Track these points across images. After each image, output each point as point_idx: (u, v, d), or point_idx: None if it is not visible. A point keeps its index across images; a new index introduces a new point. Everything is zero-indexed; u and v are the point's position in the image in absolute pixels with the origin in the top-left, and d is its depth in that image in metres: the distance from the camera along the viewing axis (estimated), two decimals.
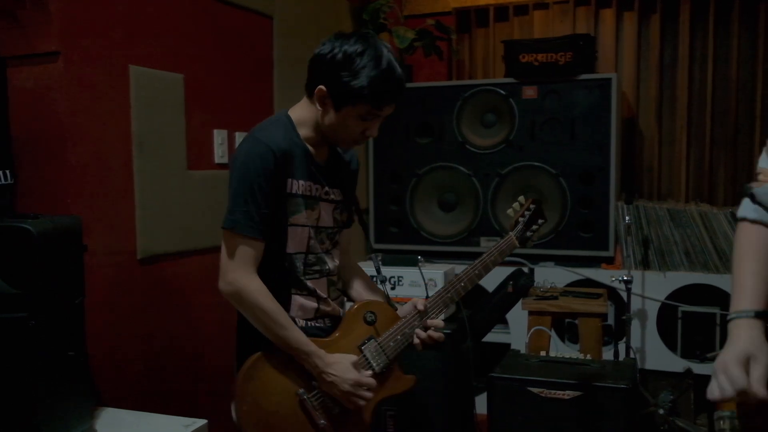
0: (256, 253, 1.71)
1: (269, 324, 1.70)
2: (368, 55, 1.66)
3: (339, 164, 1.92)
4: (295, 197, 1.75)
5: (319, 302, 1.84)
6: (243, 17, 2.81)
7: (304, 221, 1.77)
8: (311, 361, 1.73)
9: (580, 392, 2.34)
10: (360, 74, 1.65)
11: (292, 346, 1.71)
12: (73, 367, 1.66)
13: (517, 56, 3.58)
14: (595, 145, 3.46)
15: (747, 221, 1.49)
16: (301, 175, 1.76)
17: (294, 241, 1.77)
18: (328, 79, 1.69)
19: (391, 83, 1.69)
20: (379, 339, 1.84)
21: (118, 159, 2.23)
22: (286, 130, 1.76)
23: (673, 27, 3.83)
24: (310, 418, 1.75)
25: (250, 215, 1.68)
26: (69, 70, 2.04)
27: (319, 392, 1.76)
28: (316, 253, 1.81)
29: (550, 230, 3.55)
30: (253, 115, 2.87)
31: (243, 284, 1.69)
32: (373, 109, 1.70)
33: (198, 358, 2.56)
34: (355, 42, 1.68)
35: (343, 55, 1.67)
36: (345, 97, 1.68)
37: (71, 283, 1.67)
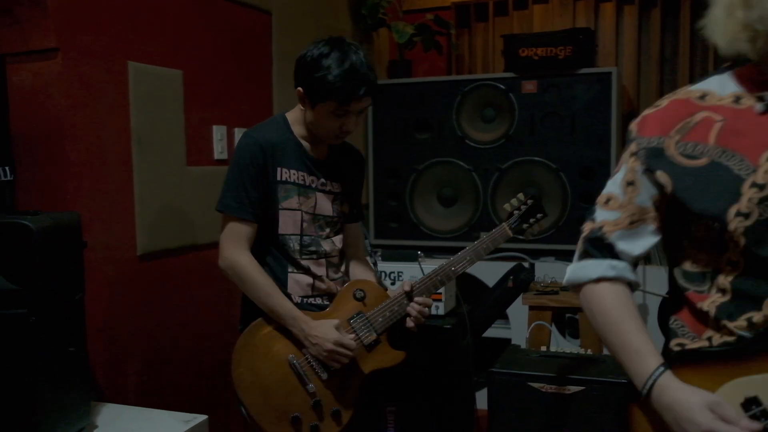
0: (246, 232, 1.93)
1: (258, 293, 1.91)
2: (332, 57, 1.85)
3: (340, 161, 2.09)
4: (286, 184, 1.96)
5: (315, 279, 2.01)
6: (242, 13, 2.81)
7: (296, 206, 1.97)
8: (298, 326, 1.91)
9: (581, 387, 2.34)
10: (326, 75, 1.84)
11: (280, 313, 1.91)
12: (73, 364, 1.66)
13: (517, 51, 3.57)
14: (596, 140, 3.45)
15: (605, 281, 1.31)
16: (292, 165, 1.97)
17: (286, 223, 1.97)
18: (303, 79, 1.91)
19: (354, 81, 1.85)
20: (367, 314, 2.01)
21: (118, 155, 2.23)
22: (278, 128, 1.99)
23: (674, 20, 3.82)
24: (300, 382, 1.92)
25: (240, 199, 1.91)
26: (67, 66, 2.03)
27: (308, 358, 1.93)
28: (311, 236, 2.00)
29: (551, 225, 3.54)
30: (252, 110, 2.87)
31: (234, 259, 1.91)
32: (340, 105, 1.87)
33: (198, 354, 2.56)
34: (323, 45, 1.88)
35: (311, 57, 1.88)
36: (315, 95, 1.88)
37: (71, 280, 1.67)
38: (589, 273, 1.33)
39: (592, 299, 1.33)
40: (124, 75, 2.24)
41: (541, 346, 2.77)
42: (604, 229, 1.32)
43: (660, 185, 1.27)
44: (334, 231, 2.08)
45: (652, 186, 1.29)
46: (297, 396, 1.92)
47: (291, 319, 1.92)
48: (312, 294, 2.02)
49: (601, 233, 1.33)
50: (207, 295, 2.60)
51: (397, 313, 2.01)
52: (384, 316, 2.01)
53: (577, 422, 2.34)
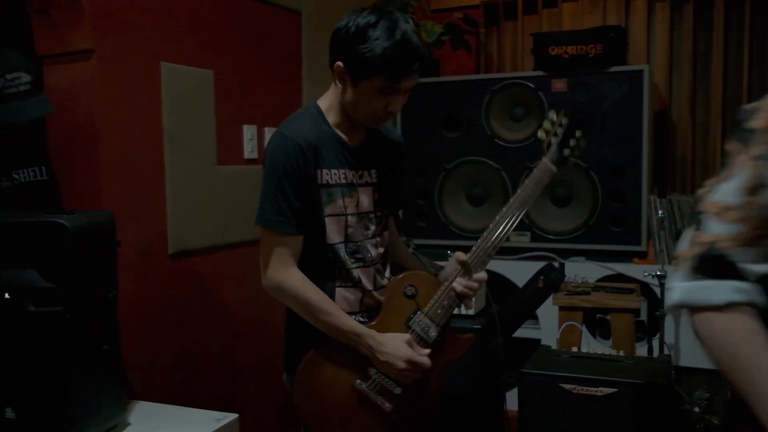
0: (292, 247, 1.72)
1: (316, 313, 1.71)
2: (381, 26, 1.63)
3: (377, 143, 1.88)
4: (329, 187, 1.74)
5: (364, 294, 1.81)
6: (272, 13, 2.82)
7: (341, 210, 1.76)
8: (364, 343, 1.72)
9: (613, 389, 2.31)
10: (373, 45, 1.62)
11: (343, 331, 1.71)
12: (106, 361, 1.68)
13: (546, 49, 3.54)
14: (627, 138, 3.40)
15: (732, 309, 1.10)
16: (333, 164, 1.75)
17: (333, 231, 1.76)
18: (344, 53, 1.68)
19: (406, 53, 1.63)
20: (425, 310, 1.78)
21: (150, 154, 2.25)
22: (313, 121, 1.76)
23: (707, 17, 3.75)
24: (374, 406, 1.74)
25: (281, 211, 1.69)
26: (102, 67, 2.06)
27: (376, 378, 1.75)
28: (356, 241, 1.79)
29: (581, 224, 3.51)
30: (282, 110, 2.88)
31: (282, 278, 1.71)
32: (389, 81, 1.65)
33: (229, 353, 2.58)
34: (368, 14, 1.65)
35: (356, 27, 1.65)
36: (361, 69, 1.65)
37: (105, 278, 1.69)
38: (712, 297, 1.11)
39: (716, 330, 1.12)
40: (157, 75, 2.26)
41: (572, 347, 2.74)
42: (723, 244, 1.12)
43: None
44: (378, 228, 1.86)
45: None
46: (376, 420, 1.76)
47: (355, 336, 1.72)
48: (360, 310, 1.82)
49: (719, 249, 1.12)
50: (238, 294, 2.62)
51: (454, 297, 1.78)
52: (443, 306, 1.77)
53: (608, 424, 2.31)
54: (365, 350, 1.73)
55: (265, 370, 2.76)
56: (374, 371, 1.75)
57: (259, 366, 2.73)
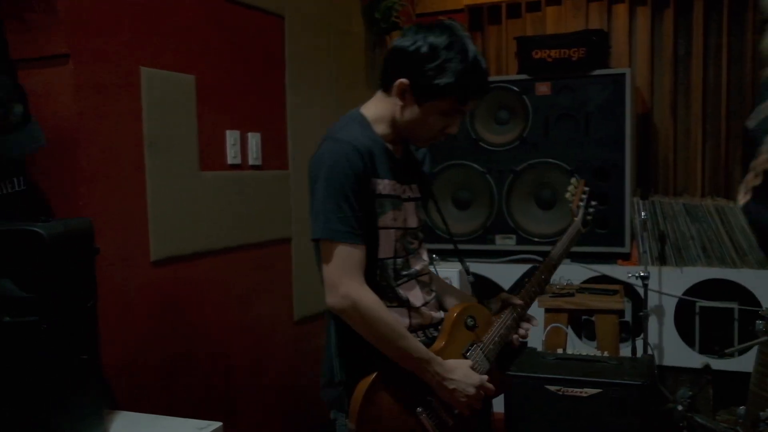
0: (360, 260, 1.60)
1: (390, 336, 1.60)
2: (455, 48, 1.59)
3: (414, 160, 1.84)
4: (382, 197, 1.66)
5: (411, 314, 1.73)
6: (254, 17, 2.81)
7: (391, 223, 1.68)
8: (432, 369, 1.64)
9: (597, 389, 2.31)
10: (446, 68, 1.58)
11: (413, 356, 1.62)
12: (86, 371, 1.65)
13: (530, 52, 3.55)
14: (610, 141, 3.43)
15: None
16: (385, 174, 1.67)
17: (384, 245, 1.67)
18: (412, 72, 1.62)
19: (478, 77, 1.63)
20: (481, 344, 1.77)
21: (130, 161, 2.23)
22: (362, 128, 1.68)
23: (686, 21, 3.79)
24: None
25: (347, 220, 1.57)
26: (79, 72, 2.04)
27: (434, 407, 1.69)
28: (403, 257, 1.72)
29: (566, 227, 3.51)
30: (266, 115, 2.87)
31: (358, 297, 1.57)
32: (457, 104, 1.64)
33: (212, 361, 2.56)
34: (440, 33, 1.61)
35: (428, 47, 1.60)
36: (429, 91, 1.61)
37: (83, 286, 1.66)
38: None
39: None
40: (136, 80, 2.24)
41: (558, 349, 2.75)
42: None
43: None
44: (419, 243, 1.80)
45: None
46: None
47: (425, 363, 1.63)
48: (409, 329, 1.71)
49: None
50: (222, 301, 2.60)
51: (504, 336, 1.81)
52: (494, 342, 1.79)
53: (593, 425, 2.32)
54: (431, 377, 1.65)
55: (251, 378, 2.74)
56: (432, 399, 1.69)
57: (244, 374, 2.71)
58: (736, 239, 3.32)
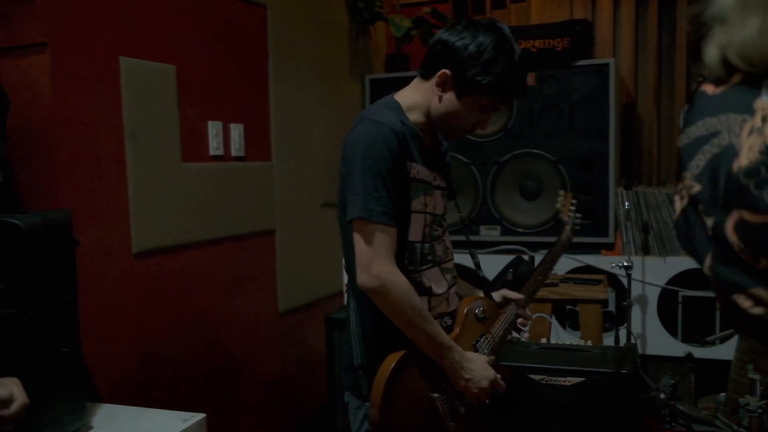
0: (393, 241, 1.62)
1: (416, 320, 1.63)
2: (503, 49, 1.64)
3: (441, 151, 1.88)
4: (415, 182, 1.69)
5: (431, 301, 1.75)
6: (236, 7, 2.78)
7: (422, 207, 1.71)
8: (451, 356, 1.67)
9: (581, 378, 2.33)
10: (492, 67, 1.63)
11: (436, 341, 1.65)
12: (66, 364, 1.64)
13: None
14: (594, 132, 3.43)
15: None
16: (418, 159, 1.70)
17: (415, 228, 1.70)
18: (457, 65, 1.66)
19: (521, 77, 1.69)
20: (489, 335, 1.83)
21: (110, 152, 2.21)
22: (397, 114, 1.70)
23: (670, 10, 3.80)
24: (440, 422, 1.71)
25: (383, 201, 1.59)
26: (56, 62, 2.01)
27: (449, 394, 1.72)
28: (429, 242, 1.75)
29: (550, 217, 3.53)
30: (249, 105, 2.85)
31: (391, 278, 1.60)
32: (496, 101, 1.69)
33: (195, 353, 2.54)
34: (488, 33, 1.65)
35: (476, 45, 1.64)
36: (471, 86, 1.65)
37: (63, 279, 1.64)
38: None
39: None
40: (115, 70, 2.21)
41: (542, 339, 2.77)
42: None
43: None
44: (443, 230, 1.84)
45: None
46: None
47: (446, 350, 1.66)
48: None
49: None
50: (205, 293, 2.58)
51: (508, 329, 1.89)
52: (499, 335, 1.85)
53: (577, 414, 2.33)
54: (451, 363, 1.68)
55: (234, 369, 2.73)
56: (447, 386, 1.72)
57: (228, 366, 2.70)
58: None
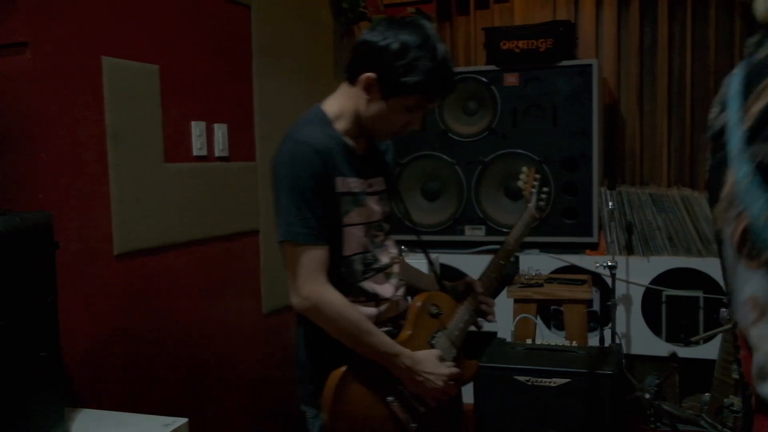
0: (323, 261, 1.63)
1: (355, 333, 1.63)
2: (425, 46, 1.61)
3: (377, 153, 1.85)
4: (345, 195, 1.67)
5: (379, 306, 1.74)
6: (220, 7, 2.76)
7: (356, 219, 1.70)
8: (400, 363, 1.67)
9: (566, 379, 2.33)
10: (416, 66, 1.60)
11: (380, 351, 1.65)
12: (45, 368, 1.61)
13: (498, 43, 3.56)
14: (578, 132, 3.45)
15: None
16: (346, 172, 1.68)
17: (350, 243, 1.69)
18: (380, 67, 1.63)
19: (446, 76, 1.66)
20: (446, 331, 1.81)
21: (92, 152, 2.17)
22: (323, 127, 1.68)
23: (652, 12, 3.83)
24: (399, 425, 1.70)
25: (308, 222, 1.60)
26: (38, 61, 1.97)
27: (405, 396, 1.71)
28: (369, 251, 1.74)
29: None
30: (232, 105, 2.83)
31: (320, 296, 1.61)
32: (424, 101, 1.66)
33: (179, 355, 2.52)
34: (411, 31, 1.62)
35: (399, 44, 1.61)
36: (396, 87, 1.62)
37: (42, 282, 1.61)
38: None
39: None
40: (98, 70, 2.18)
41: (527, 339, 2.77)
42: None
43: None
44: (384, 235, 1.82)
45: None
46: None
47: (393, 357, 1.66)
48: (377, 323, 1.72)
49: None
50: (187, 295, 2.56)
51: (468, 321, 1.86)
52: (459, 328, 1.83)
53: (562, 414, 2.34)
54: (401, 370, 1.68)
55: (217, 373, 2.70)
56: (403, 388, 1.71)
57: (212, 369, 2.67)
58: (701, 229, 3.37)
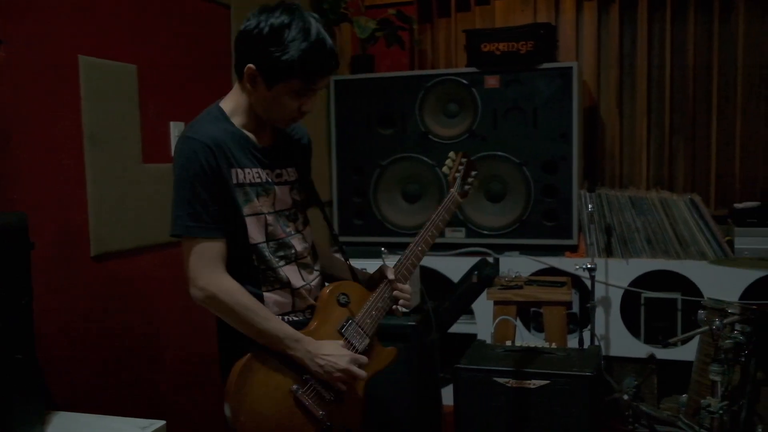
0: (217, 252, 1.65)
1: (252, 319, 1.65)
2: (296, 27, 1.59)
3: (288, 143, 1.86)
4: (243, 186, 1.69)
5: (294, 295, 1.77)
6: (199, 6, 2.74)
7: (258, 209, 1.72)
8: (301, 349, 1.69)
9: (545, 381, 2.34)
10: (289, 47, 1.58)
11: (280, 337, 1.67)
12: (21, 371, 1.58)
13: (479, 45, 3.56)
14: (558, 134, 3.46)
15: None
16: (245, 163, 1.70)
17: (254, 231, 1.71)
18: (257, 55, 1.62)
19: (322, 55, 1.62)
20: (357, 319, 1.82)
21: (69, 153, 2.15)
22: (218, 123, 1.70)
23: (632, 15, 3.86)
24: (307, 413, 1.71)
25: (198, 216, 1.63)
26: (12, 59, 1.95)
27: (312, 385, 1.72)
28: (277, 239, 1.75)
29: (515, 220, 3.55)
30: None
31: (215, 286, 1.64)
32: (305, 84, 1.64)
33: (156, 357, 2.49)
34: (280, 14, 1.60)
35: (269, 28, 1.59)
36: (276, 73, 1.61)
37: (17, 283, 1.59)
38: None
39: None
40: (74, 69, 2.16)
41: (507, 341, 2.77)
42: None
43: None
44: (299, 224, 1.84)
45: None
46: (307, 428, 1.72)
47: (293, 342, 1.68)
48: (292, 310, 1.78)
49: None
50: (166, 296, 2.53)
51: (381, 309, 1.85)
52: (371, 316, 1.83)
53: (541, 416, 2.34)
54: (302, 356, 1.69)
55: (195, 375, 2.68)
56: (309, 377, 1.72)
57: (188, 371, 2.65)
58: (679, 231, 3.40)
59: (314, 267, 1.88)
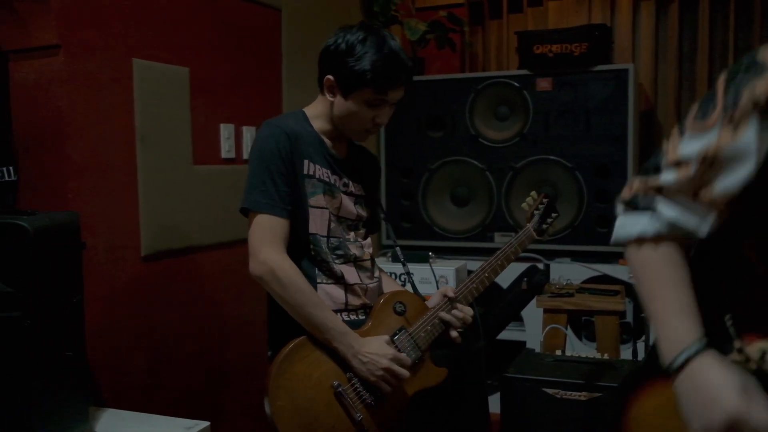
0: (282, 231, 1.72)
1: (304, 303, 1.69)
2: (370, 42, 1.74)
3: (360, 162, 1.96)
4: (312, 179, 1.78)
5: (347, 291, 1.81)
6: (251, 9, 2.76)
7: (323, 204, 1.79)
8: (346, 342, 1.71)
9: (597, 393, 2.27)
10: (363, 59, 1.72)
11: (328, 326, 1.70)
12: (70, 368, 1.61)
13: (531, 47, 3.50)
14: (612, 138, 3.37)
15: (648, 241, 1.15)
16: (316, 159, 1.80)
17: (316, 222, 1.78)
18: (334, 67, 1.77)
19: (393, 66, 1.74)
20: (410, 329, 1.83)
21: (121, 154, 2.19)
22: (298, 120, 1.83)
23: (692, 16, 3.73)
24: (346, 412, 1.70)
25: (269, 194, 1.71)
26: (70, 63, 1.99)
27: (354, 383, 1.73)
28: (338, 237, 1.82)
29: (566, 225, 3.47)
30: (261, 108, 2.83)
31: (276, 262, 1.69)
32: (377, 93, 1.75)
33: (203, 358, 2.52)
34: (357, 30, 1.77)
35: (346, 44, 1.75)
36: (350, 82, 1.74)
37: (69, 281, 1.62)
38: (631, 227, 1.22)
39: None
40: (128, 72, 2.20)
41: (556, 350, 2.71)
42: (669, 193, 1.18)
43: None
44: (360, 234, 1.90)
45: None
46: (342, 427, 1.70)
47: (340, 335, 1.70)
48: (345, 309, 1.80)
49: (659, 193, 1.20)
50: (213, 297, 2.56)
51: (438, 326, 1.86)
52: (426, 330, 1.84)
53: (592, 429, 2.27)
54: (346, 350, 1.71)
55: (241, 375, 2.70)
56: (352, 376, 1.73)
57: (234, 371, 2.67)
58: None
59: (374, 273, 1.92)
